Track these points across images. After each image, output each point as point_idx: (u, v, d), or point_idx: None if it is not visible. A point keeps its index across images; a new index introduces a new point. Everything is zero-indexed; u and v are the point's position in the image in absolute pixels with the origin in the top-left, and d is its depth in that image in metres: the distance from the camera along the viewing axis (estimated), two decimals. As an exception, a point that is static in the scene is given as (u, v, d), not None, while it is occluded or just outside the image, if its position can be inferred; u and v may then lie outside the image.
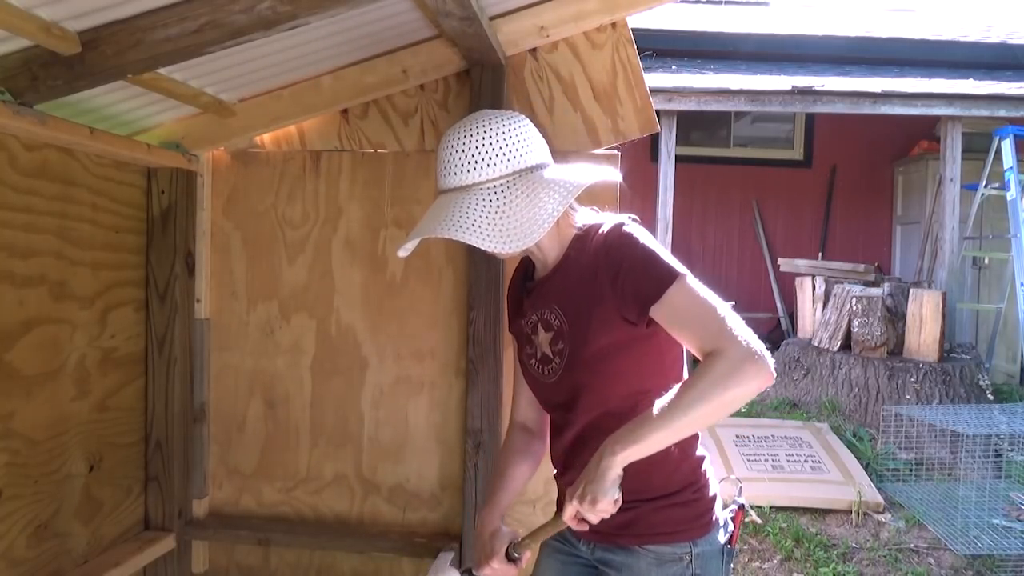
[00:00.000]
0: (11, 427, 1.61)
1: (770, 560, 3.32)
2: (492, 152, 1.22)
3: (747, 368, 1.06)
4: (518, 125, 1.26)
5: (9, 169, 1.58)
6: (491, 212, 1.19)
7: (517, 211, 1.19)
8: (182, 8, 1.39)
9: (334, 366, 2.17)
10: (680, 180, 6.11)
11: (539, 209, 1.19)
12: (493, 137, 1.23)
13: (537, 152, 1.26)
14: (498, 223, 1.18)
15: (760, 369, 1.06)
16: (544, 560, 1.42)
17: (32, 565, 1.69)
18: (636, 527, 1.25)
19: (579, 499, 1.12)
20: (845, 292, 5.41)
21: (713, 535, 1.26)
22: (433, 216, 1.23)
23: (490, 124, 1.24)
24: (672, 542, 1.24)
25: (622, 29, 2.04)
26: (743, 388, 1.07)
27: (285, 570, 2.22)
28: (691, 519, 1.25)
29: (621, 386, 1.25)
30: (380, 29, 1.84)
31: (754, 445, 4.35)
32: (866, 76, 6.42)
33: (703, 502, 1.27)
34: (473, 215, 1.18)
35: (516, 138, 1.24)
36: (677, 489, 1.25)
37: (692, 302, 1.15)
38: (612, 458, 1.10)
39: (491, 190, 1.21)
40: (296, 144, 2.19)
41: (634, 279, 1.18)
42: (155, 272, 2.08)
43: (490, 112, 1.28)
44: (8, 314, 1.59)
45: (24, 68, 1.44)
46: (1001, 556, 3.25)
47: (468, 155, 1.22)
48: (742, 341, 1.08)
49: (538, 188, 1.21)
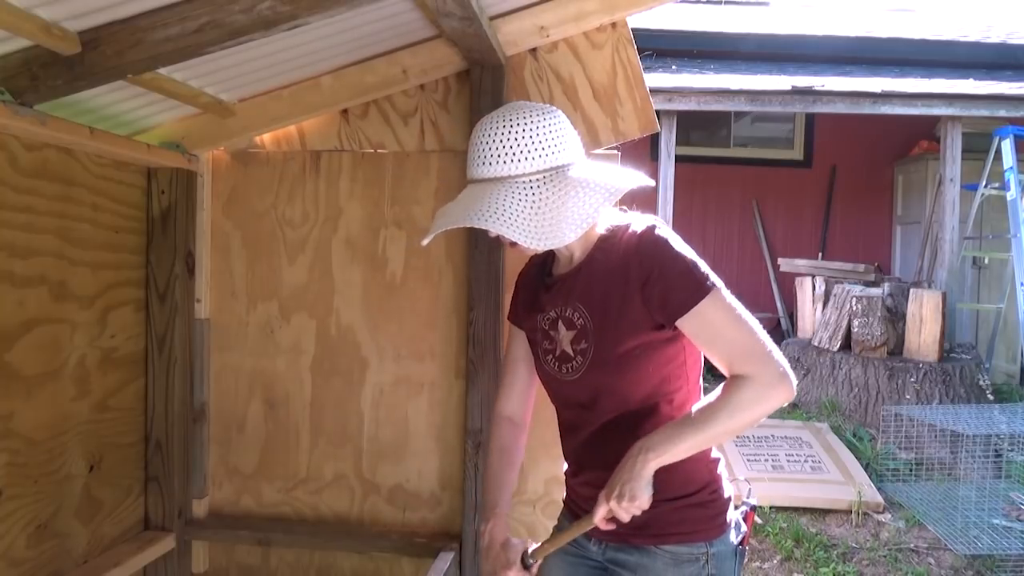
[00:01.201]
0: (11, 427, 1.61)
1: (770, 560, 3.32)
2: (529, 146, 1.19)
3: (775, 393, 1.14)
4: (556, 120, 1.24)
5: (9, 169, 1.58)
6: (526, 207, 1.18)
7: (552, 209, 1.18)
8: (182, 8, 1.39)
9: (334, 366, 2.17)
10: (680, 180, 6.11)
11: (576, 210, 1.18)
12: (531, 130, 1.20)
13: (572, 149, 1.24)
14: (533, 219, 1.17)
15: (787, 391, 1.14)
16: (551, 560, 1.38)
17: (32, 565, 1.69)
18: (653, 527, 1.24)
19: (617, 498, 1.14)
20: (845, 292, 5.41)
21: (728, 536, 1.26)
22: (464, 205, 1.20)
23: (529, 117, 1.21)
24: (689, 542, 1.24)
25: (622, 29, 2.04)
26: (769, 409, 1.15)
27: (285, 570, 2.22)
28: (708, 519, 1.25)
29: (644, 387, 1.25)
30: (380, 29, 1.84)
31: (754, 445, 4.35)
32: (866, 76, 6.42)
33: (719, 502, 1.27)
34: (508, 208, 1.17)
35: (554, 133, 1.22)
36: (695, 489, 1.25)
37: (724, 318, 1.18)
38: (647, 462, 1.14)
39: (526, 184, 1.19)
40: (296, 144, 2.19)
41: (664, 286, 1.18)
42: (155, 272, 2.08)
43: (528, 104, 1.25)
44: (8, 314, 1.59)
45: (24, 68, 1.44)
46: (1001, 556, 3.25)
47: (505, 147, 1.19)
48: (772, 363, 1.14)
49: (574, 187, 1.19)
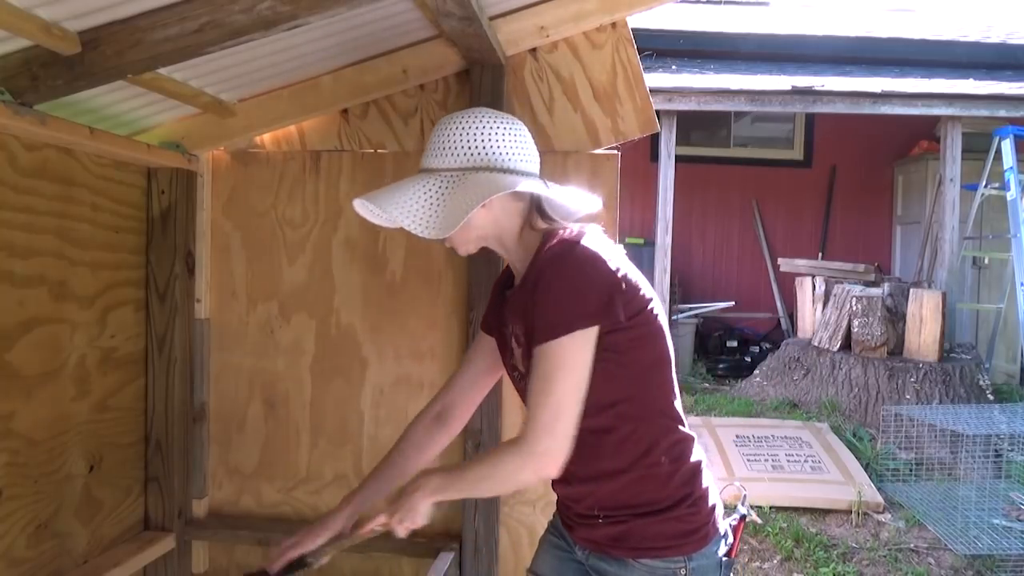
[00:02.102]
0: (11, 427, 1.61)
1: (770, 560, 3.32)
2: (459, 143, 1.27)
3: (525, 470, 1.17)
4: (500, 125, 1.29)
5: (9, 169, 1.58)
6: (431, 198, 1.25)
7: (451, 202, 1.24)
8: (182, 8, 1.39)
9: (334, 366, 2.17)
10: (680, 180, 6.11)
11: (454, 206, 1.23)
12: (467, 130, 1.27)
13: (509, 156, 1.28)
14: (430, 209, 1.24)
15: (541, 470, 1.17)
16: (543, 553, 1.43)
17: (32, 565, 1.69)
18: (629, 540, 1.24)
19: (397, 521, 1.25)
20: (845, 292, 5.41)
21: (711, 548, 1.24)
22: (394, 187, 1.30)
23: (471, 118, 1.28)
24: (665, 557, 1.22)
25: (622, 29, 2.04)
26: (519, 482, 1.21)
27: (285, 570, 2.22)
28: (686, 534, 1.23)
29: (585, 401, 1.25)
30: (380, 29, 1.84)
31: (754, 445, 4.35)
32: (866, 76, 6.42)
33: (699, 516, 1.24)
34: (415, 196, 1.25)
35: (490, 136, 1.27)
36: (670, 504, 1.23)
37: (546, 366, 1.16)
38: (423, 499, 1.24)
39: (444, 177, 1.26)
40: (296, 144, 2.19)
41: (537, 312, 1.18)
42: (155, 272, 2.08)
43: (484, 109, 1.31)
44: (8, 314, 1.59)
45: (24, 68, 1.44)
46: (1001, 556, 3.25)
47: (439, 141, 1.28)
48: (542, 438, 1.15)
49: (474, 186, 1.24)
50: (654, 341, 1.24)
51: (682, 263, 7.28)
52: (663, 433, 1.25)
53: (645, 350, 1.22)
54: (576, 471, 1.25)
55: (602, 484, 1.26)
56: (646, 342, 1.22)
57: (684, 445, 1.27)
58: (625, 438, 1.23)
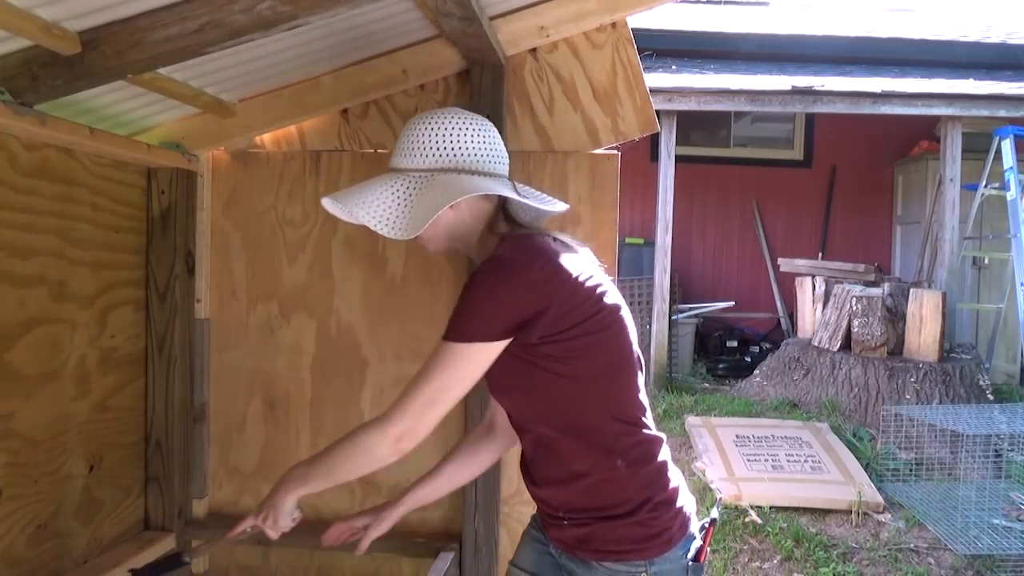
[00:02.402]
0: (11, 427, 1.61)
1: (770, 560, 3.32)
2: (429, 144, 1.28)
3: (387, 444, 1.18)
4: (470, 127, 1.30)
5: (9, 169, 1.58)
6: (400, 198, 1.27)
7: (419, 203, 1.25)
8: (182, 8, 1.39)
9: (334, 366, 2.17)
10: (680, 180, 6.11)
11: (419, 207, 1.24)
12: (437, 131, 1.29)
13: (478, 158, 1.29)
14: (398, 210, 1.26)
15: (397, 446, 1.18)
16: (524, 547, 1.46)
17: (32, 565, 1.69)
18: (592, 543, 1.24)
19: (262, 519, 1.29)
20: (845, 292, 5.41)
21: (675, 552, 1.22)
22: (362, 186, 1.31)
23: (441, 119, 1.30)
24: (626, 561, 1.21)
25: (622, 29, 2.04)
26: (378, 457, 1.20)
27: (285, 570, 2.22)
28: (646, 538, 1.21)
29: (526, 410, 1.27)
30: (380, 29, 1.84)
31: (754, 445, 4.35)
32: (866, 76, 6.42)
33: (662, 520, 1.23)
34: (383, 196, 1.27)
35: (459, 137, 1.28)
36: (631, 508, 1.22)
37: (438, 361, 1.18)
38: (287, 493, 1.26)
39: (413, 177, 1.28)
40: (296, 144, 2.19)
41: (455, 308, 1.20)
42: (155, 272, 2.08)
43: (455, 110, 1.33)
44: (8, 314, 1.59)
45: (24, 68, 1.44)
46: (1001, 556, 3.25)
47: (409, 142, 1.30)
48: (405, 418, 1.17)
49: (448, 187, 1.25)
50: (605, 347, 1.22)
51: (682, 263, 7.28)
52: (619, 437, 1.23)
53: (594, 358, 1.21)
54: (540, 474, 1.29)
55: (563, 488, 1.27)
56: (595, 350, 1.21)
57: (644, 448, 1.25)
58: (580, 444, 1.23)
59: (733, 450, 4.26)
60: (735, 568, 3.27)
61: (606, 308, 1.23)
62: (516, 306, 1.16)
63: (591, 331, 1.20)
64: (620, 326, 1.25)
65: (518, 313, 1.16)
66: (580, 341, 1.19)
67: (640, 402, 1.28)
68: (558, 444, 1.25)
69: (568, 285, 1.20)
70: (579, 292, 1.20)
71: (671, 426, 4.87)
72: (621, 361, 1.25)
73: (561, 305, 1.17)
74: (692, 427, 4.67)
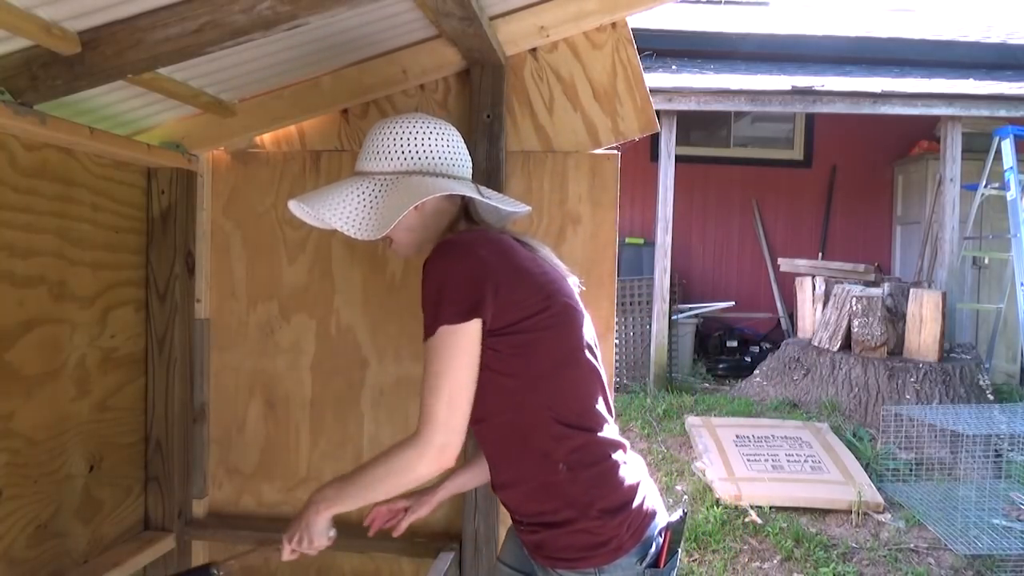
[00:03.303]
0: (11, 427, 1.61)
1: (770, 560, 3.32)
2: (395, 148, 1.31)
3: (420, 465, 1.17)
4: (434, 131, 1.33)
5: (9, 169, 1.58)
6: (366, 199, 1.29)
7: (385, 204, 1.27)
8: (182, 8, 1.39)
9: (334, 366, 2.17)
10: (680, 180, 6.11)
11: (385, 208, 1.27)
12: (402, 135, 1.32)
13: (442, 161, 1.33)
14: (364, 211, 1.28)
15: (440, 462, 1.17)
16: (509, 543, 1.47)
17: (32, 565, 1.69)
18: (545, 549, 1.24)
19: (297, 542, 1.27)
20: (845, 292, 5.42)
21: (627, 559, 1.20)
22: (328, 188, 1.33)
23: (407, 123, 1.33)
24: (575, 568, 1.21)
25: (622, 29, 2.04)
26: (415, 478, 1.19)
27: (285, 570, 2.22)
28: (593, 546, 1.20)
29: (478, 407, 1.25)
30: (380, 29, 1.84)
31: (754, 445, 4.35)
32: (866, 76, 6.42)
33: (609, 527, 1.20)
34: (349, 198, 1.30)
35: (424, 141, 1.32)
36: (573, 515, 1.20)
37: (432, 362, 1.18)
38: (318, 513, 1.26)
39: (379, 180, 1.31)
40: (296, 144, 2.19)
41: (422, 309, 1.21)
42: (155, 272, 2.08)
43: (420, 115, 1.37)
44: (8, 314, 1.59)
45: (24, 68, 1.44)
46: (1001, 556, 3.25)
47: (375, 145, 1.33)
48: (439, 432, 1.16)
49: (413, 188, 1.27)
50: (550, 346, 1.21)
51: (682, 263, 7.28)
52: (558, 440, 1.21)
53: (536, 356, 1.20)
54: (493, 477, 1.31)
55: (510, 491, 1.27)
56: (538, 347, 1.20)
57: (588, 452, 1.23)
58: (519, 446, 1.23)
59: (733, 450, 4.26)
60: (735, 568, 3.27)
61: (555, 305, 1.22)
62: (466, 281, 1.17)
63: (536, 328, 1.19)
64: (569, 326, 1.24)
65: (472, 289, 1.17)
66: (524, 336, 1.19)
67: (588, 404, 1.25)
68: (500, 445, 1.26)
69: (515, 271, 1.21)
70: (526, 282, 1.21)
71: (671, 426, 4.87)
72: (567, 361, 1.23)
73: (509, 289, 1.18)
74: (692, 427, 4.67)
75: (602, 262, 2.04)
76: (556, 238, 2.06)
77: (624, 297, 6.16)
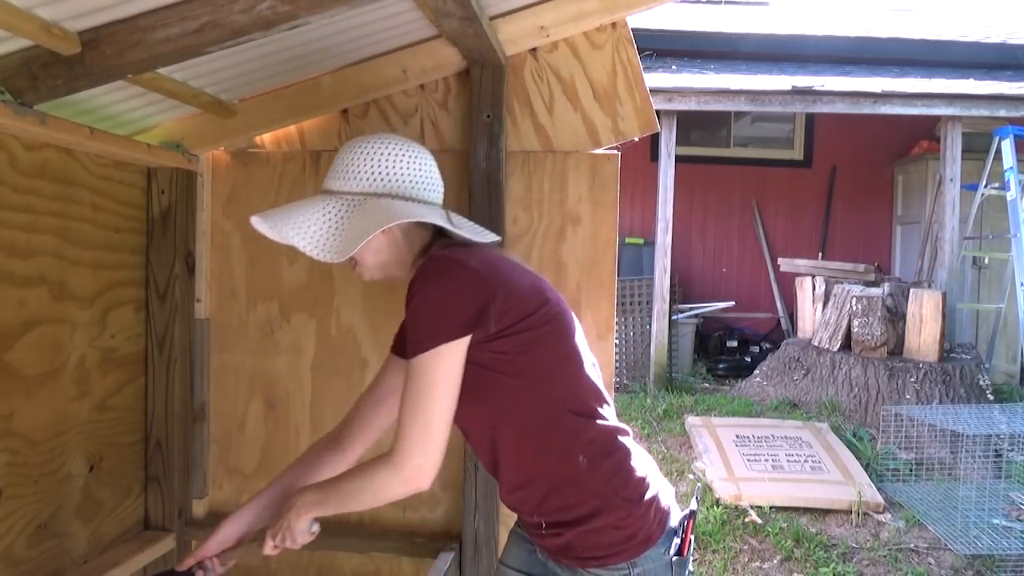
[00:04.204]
0: (11, 427, 1.61)
1: (770, 560, 3.32)
2: (364, 168, 1.29)
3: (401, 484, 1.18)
4: (406, 154, 1.32)
5: (9, 169, 1.58)
6: (331, 220, 1.27)
7: (350, 226, 1.25)
8: (182, 8, 1.39)
9: (334, 366, 2.17)
10: (680, 180, 6.11)
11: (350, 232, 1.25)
12: (373, 156, 1.30)
13: (412, 184, 1.31)
14: (329, 232, 1.26)
15: (413, 484, 1.18)
16: (512, 546, 1.45)
17: (32, 565, 1.69)
18: (573, 551, 1.24)
19: (280, 540, 1.30)
20: (845, 292, 5.42)
21: (656, 550, 1.22)
22: (293, 206, 1.31)
23: (378, 144, 1.31)
24: (607, 565, 1.21)
25: (622, 29, 2.04)
26: (390, 497, 1.20)
27: (285, 570, 2.22)
28: (623, 540, 1.21)
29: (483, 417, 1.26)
30: (380, 29, 1.84)
31: (754, 445, 4.35)
32: (866, 76, 6.42)
33: (635, 518, 1.21)
34: (314, 218, 1.27)
35: (395, 164, 1.30)
36: (597, 508, 1.21)
37: (415, 382, 1.17)
38: (300, 516, 1.28)
39: (346, 200, 1.29)
40: (296, 144, 2.19)
41: (407, 327, 1.21)
42: (155, 272, 2.08)
43: (392, 136, 1.34)
44: (8, 314, 1.59)
45: (24, 68, 1.44)
46: (1001, 556, 3.25)
47: (344, 165, 1.31)
48: (413, 455, 1.16)
49: (371, 212, 1.25)
50: (552, 342, 1.23)
51: (682, 263, 7.28)
52: (576, 433, 1.23)
53: (542, 352, 1.22)
54: (506, 478, 1.29)
55: (527, 491, 1.27)
56: (542, 344, 1.22)
57: (603, 441, 1.25)
58: (538, 444, 1.23)
59: (733, 450, 4.26)
60: (735, 568, 3.27)
61: (548, 303, 1.25)
62: (466, 298, 1.17)
63: (537, 325, 1.21)
64: (563, 321, 1.27)
65: (470, 304, 1.17)
66: (527, 335, 1.20)
67: (595, 392, 1.28)
68: (517, 448, 1.25)
69: (507, 278, 1.22)
70: (519, 286, 1.23)
71: (671, 426, 4.87)
72: (568, 354, 1.26)
73: (506, 295, 1.19)
74: (692, 427, 4.67)
75: (602, 262, 2.04)
76: (556, 238, 2.06)
77: (624, 297, 6.16)
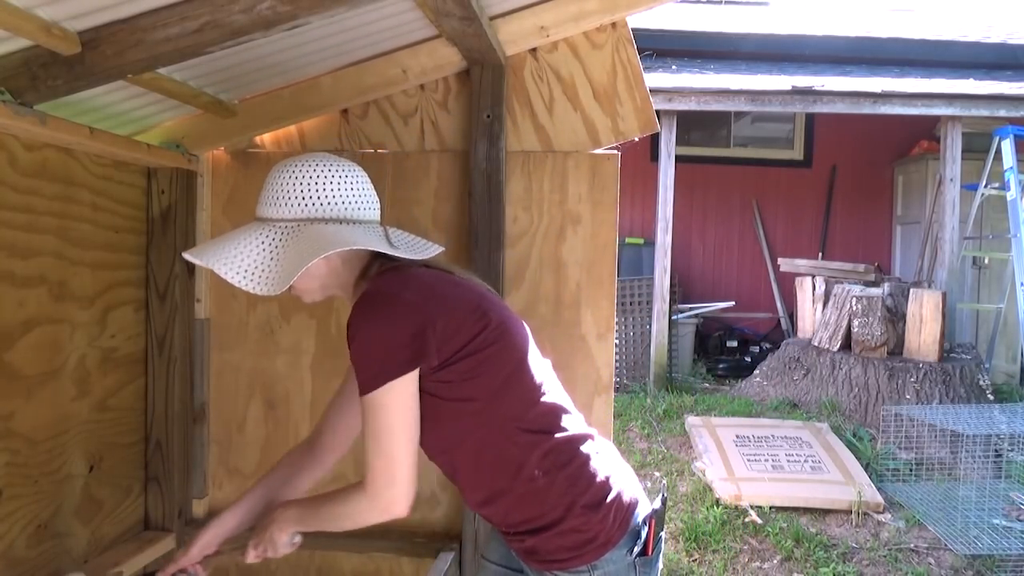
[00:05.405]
0: (11, 427, 1.61)
1: (770, 560, 3.32)
2: (294, 193, 1.24)
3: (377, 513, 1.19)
4: (336, 174, 1.26)
5: (9, 169, 1.58)
6: (265, 251, 1.22)
7: (285, 256, 1.21)
8: (182, 8, 1.39)
9: (334, 366, 2.17)
10: (680, 180, 6.11)
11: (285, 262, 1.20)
12: (302, 179, 1.25)
13: (346, 206, 1.26)
14: (263, 264, 1.21)
15: (389, 513, 1.19)
16: (492, 541, 1.46)
17: (32, 565, 1.69)
18: (537, 554, 1.25)
19: (261, 552, 1.34)
20: (845, 292, 5.41)
21: (618, 552, 1.22)
22: (227, 237, 1.26)
23: (306, 166, 1.25)
24: (569, 568, 1.22)
25: (622, 29, 2.04)
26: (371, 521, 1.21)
27: (285, 570, 2.22)
28: (581, 544, 1.21)
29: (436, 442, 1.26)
30: (380, 29, 1.84)
31: (754, 445, 4.35)
32: (866, 76, 6.42)
33: (594, 522, 1.21)
34: (247, 249, 1.22)
35: (325, 185, 1.25)
36: (557, 517, 1.21)
37: (371, 418, 1.16)
38: (280, 533, 1.31)
39: (280, 228, 1.24)
40: (296, 144, 2.19)
41: (353, 366, 1.19)
42: (155, 272, 2.08)
43: (322, 156, 1.29)
44: (8, 314, 1.59)
45: (24, 68, 1.44)
46: (1001, 556, 3.25)
47: (274, 190, 1.26)
48: (384, 489, 1.17)
49: (316, 239, 1.21)
50: (497, 362, 1.22)
51: (682, 263, 7.28)
52: (529, 449, 1.22)
53: (488, 375, 1.21)
54: (469, 497, 1.30)
55: (492, 507, 1.27)
56: (488, 366, 1.21)
57: (559, 452, 1.24)
58: (493, 462, 1.23)
59: (733, 450, 4.26)
60: (735, 568, 3.27)
61: (491, 323, 1.23)
62: (403, 335, 1.15)
63: (480, 348, 1.20)
64: (509, 336, 1.25)
65: (408, 340, 1.15)
66: (471, 360, 1.19)
67: (548, 406, 1.27)
68: (475, 468, 1.25)
69: (444, 305, 1.20)
70: (459, 309, 1.21)
71: (671, 426, 4.87)
72: (517, 369, 1.25)
73: (445, 324, 1.17)
74: (692, 427, 4.67)
75: (602, 262, 2.04)
76: (556, 238, 2.06)
77: (624, 297, 6.16)
